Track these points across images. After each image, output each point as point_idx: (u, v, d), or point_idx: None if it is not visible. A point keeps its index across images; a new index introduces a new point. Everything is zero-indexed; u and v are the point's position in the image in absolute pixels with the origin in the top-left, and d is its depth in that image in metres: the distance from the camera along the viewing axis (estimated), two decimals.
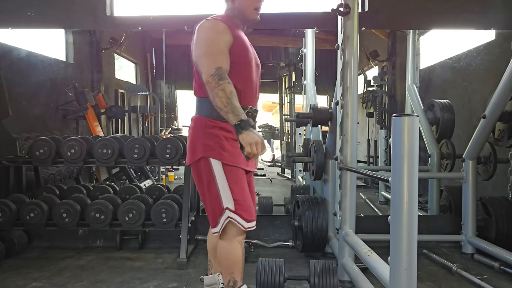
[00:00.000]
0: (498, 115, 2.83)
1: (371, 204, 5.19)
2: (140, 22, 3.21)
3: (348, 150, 2.52)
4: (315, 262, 2.32)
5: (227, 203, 1.83)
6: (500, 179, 3.45)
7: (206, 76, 1.72)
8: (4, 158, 3.25)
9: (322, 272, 2.25)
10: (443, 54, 5.61)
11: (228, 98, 1.68)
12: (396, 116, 1.49)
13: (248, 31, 2.03)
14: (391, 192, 1.53)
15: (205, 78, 1.72)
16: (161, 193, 3.53)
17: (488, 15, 3.05)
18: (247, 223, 1.86)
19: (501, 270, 2.69)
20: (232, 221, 1.83)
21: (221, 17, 1.89)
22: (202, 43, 1.80)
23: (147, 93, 8.47)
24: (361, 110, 7.40)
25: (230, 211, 1.83)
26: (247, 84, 1.89)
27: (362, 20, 2.78)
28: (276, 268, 2.31)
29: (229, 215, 1.83)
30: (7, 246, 3.02)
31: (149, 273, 2.75)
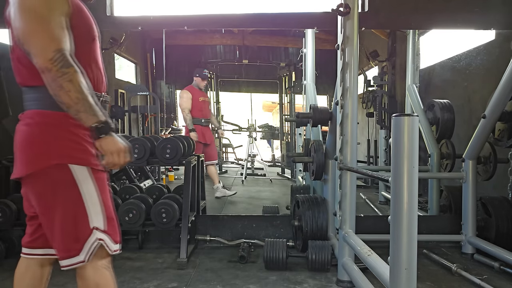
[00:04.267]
0: (498, 115, 2.83)
1: (371, 204, 5.19)
2: (140, 22, 3.21)
3: (348, 150, 2.52)
4: (313, 242, 2.79)
5: (97, 221, 1.42)
6: (500, 179, 3.45)
7: (42, 61, 1.27)
8: (4, 158, 3.25)
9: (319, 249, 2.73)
10: (443, 54, 5.61)
11: (80, 92, 1.29)
12: (396, 116, 1.49)
13: (248, 31, 2.01)
14: (391, 192, 1.54)
15: (40, 64, 1.27)
16: (161, 193, 3.53)
17: (488, 15, 3.05)
18: (114, 245, 1.47)
19: (501, 270, 2.69)
20: (102, 244, 1.42)
21: None
22: (29, 14, 1.30)
23: (147, 93, 8.48)
24: (361, 110, 7.39)
25: (100, 232, 1.42)
26: (97, 66, 1.51)
27: (362, 20, 2.79)
28: (280, 247, 2.79)
29: (99, 237, 1.41)
30: (7, 246, 3.02)
31: (149, 273, 2.75)
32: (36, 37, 1.29)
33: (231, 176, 8.13)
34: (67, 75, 1.28)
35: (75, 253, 1.40)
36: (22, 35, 1.31)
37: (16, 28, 1.33)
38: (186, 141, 3.43)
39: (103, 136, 1.33)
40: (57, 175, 1.39)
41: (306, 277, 2.68)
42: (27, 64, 1.38)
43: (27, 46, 1.31)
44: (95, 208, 1.43)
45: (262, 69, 10.22)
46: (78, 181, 1.40)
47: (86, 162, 1.42)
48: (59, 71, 1.27)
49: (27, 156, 1.43)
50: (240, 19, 3.19)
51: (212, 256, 3.11)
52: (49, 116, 1.40)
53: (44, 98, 1.39)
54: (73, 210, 1.40)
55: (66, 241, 1.41)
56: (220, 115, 9.54)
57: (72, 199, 1.40)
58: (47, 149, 1.39)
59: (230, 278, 2.65)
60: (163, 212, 3.04)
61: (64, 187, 1.40)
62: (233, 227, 3.40)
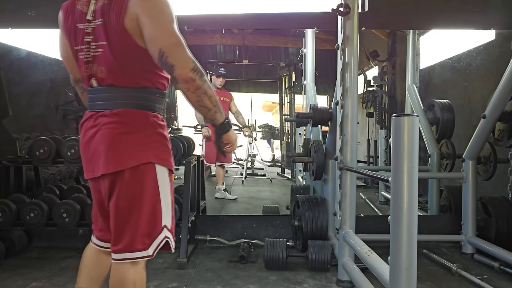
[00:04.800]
0: (498, 115, 2.83)
1: (371, 204, 5.19)
2: None
3: (348, 150, 2.52)
4: (313, 242, 2.80)
5: (167, 219, 1.51)
6: (500, 179, 3.45)
7: (186, 71, 1.37)
8: (4, 158, 3.25)
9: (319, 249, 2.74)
10: (443, 54, 5.61)
11: (215, 97, 1.46)
12: (396, 116, 1.49)
13: (248, 31, 2.02)
14: (391, 192, 1.54)
15: (185, 74, 1.37)
16: None
17: (488, 15, 3.05)
18: (174, 243, 1.58)
19: (501, 270, 2.69)
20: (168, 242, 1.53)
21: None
22: (170, 26, 1.39)
23: None
24: (361, 110, 7.39)
25: (168, 230, 1.52)
26: None
27: (362, 20, 2.78)
28: (280, 247, 2.78)
29: (167, 235, 1.52)
30: (7, 246, 3.02)
31: (149, 273, 2.73)
32: (181, 51, 1.38)
33: (231, 176, 8.13)
34: (206, 83, 1.42)
35: (144, 248, 1.47)
36: (167, 48, 1.36)
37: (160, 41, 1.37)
38: (186, 141, 3.43)
39: (231, 129, 1.55)
40: (146, 172, 1.45)
41: (306, 277, 2.68)
42: (128, 68, 1.44)
43: (171, 58, 1.36)
44: (167, 207, 1.51)
45: (262, 69, 10.21)
46: (159, 181, 1.48)
47: (168, 164, 1.51)
48: (201, 79, 1.40)
49: (119, 153, 1.44)
50: (240, 19, 3.19)
51: (212, 256, 3.11)
52: (147, 117, 1.47)
53: (142, 99, 1.48)
54: (152, 207, 1.47)
55: (139, 235, 1.46)
56: None
57: (153, 197, 1.47)
58: (143, 148, 1.45)
59: (230, 278, 2.65)
60: None
61: (148, 185, 1.46)
62: (233, 227, 3.40)
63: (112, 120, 1.44)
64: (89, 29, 1.44)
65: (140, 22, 1.37)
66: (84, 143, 1.53)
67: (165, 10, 1.38)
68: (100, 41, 1.43)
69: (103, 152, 1.44)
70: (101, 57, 1.44)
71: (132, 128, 1.45)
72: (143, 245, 1.47)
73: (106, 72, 1.45)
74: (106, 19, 1.40)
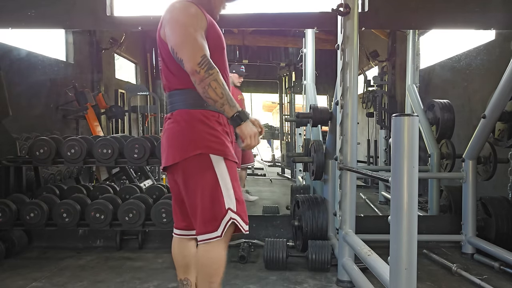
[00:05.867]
0: (498, 115, 2.83)
1: (371, 204, 5.19)
2: (140, 22, 3.21)
3: (348, 150, 2.52)
4: (313, 242, 2.80)
5: (230, 203, 1.67)
6: (500, 179, 3.45)
7: (192, 65, 1.54)
8: (4, 158, 3.25)
9: (319, 249, 2.74)
10: (443, 54, 5.61)
11: (223, 88, 1.56)
12: (396, 116, 1.49)
13: (248, 31, 2.03)
14: (391, 192, 1.53)
15: (190, 67, 1.54)
16: (161, 193, 3.53)
17: (488, 15, 3.05)
18: (245, 226, 1.72)
19: (501, 270, 2.69)
20: (235, 223, 1.68)
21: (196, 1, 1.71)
22: (180, 28, 1.61)
23: (147, 93, 8.47)
24: (361, 110, 7.39)
25: (232, 212, 1.67)
26: (225, 73, 1.75)
27: (362, 20, 2.78)
28: (280, 247, 2.78)
29: (232, 216, 1.67)
30: (7, 246, 3.02)
31: (149, 273, 2.75)
32: (187, 47, 1.57)
33: None
34: (212, 75, 1.54)
35: (213, 229, 1.66)
36: (175, 46, 1.60)
37: (171, 41, 1.62)
38: None
39: (243, 123, 1.59)
40: (200, 163, 1.66)
41: (306, 277, 2.68)
42: (176, 72, 1.69)
43: (180, 54, 1.59)
44: (229, 192, 1.68)
45: (262, 69, 10.22)
46: (216, 168, 1.67)
47: (222, 153, 1.68)
48: (206, 72, 1.54)
49: (177, 147, 1.69)
50: (240, 19, 3.19)
51: None
52: (195, 114, 1.68)
53: (190, 99, 1.69)
54: (212, 192, 1.66)
55: (206, 219, 1.67)
56: None
57: (211, 183, 1.66)
58: (194, 141, 1.66)
59: (230, 278, 2.65)
60: (163, 212, 3.05)
61: (205, 172, 1.66)
62: None
63: (171, 121, 1.73)
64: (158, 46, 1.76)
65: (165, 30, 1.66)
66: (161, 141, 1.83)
67: (179, 18, 1.63)
68: (160, 56, 1.75)
69: (165, 148, 1.73)
70: (162, 68, 1.76)
71: (182, 125, 1.68)
72: (212, 227, 1.66)
73: (165, 79, 1.75)
74: (157, 37, 1.72)
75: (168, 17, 1.66)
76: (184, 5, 1.66)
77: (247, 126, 1.60)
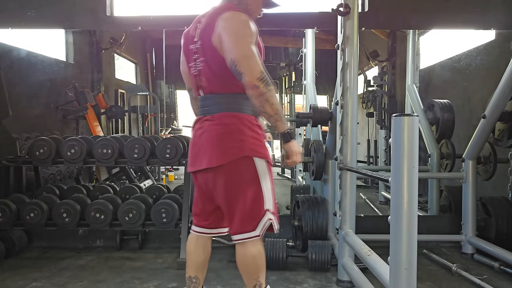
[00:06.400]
0: (498, 115, 2.83)
1: (371, 204, 5.19)
2: (140, 22, 3.21)
3: (348, 150, 2.52)
4: (313, 242, 2.81)
5: (269, 204, 1.76)
6: (500, 179, 3.45)
7: (252, 79, 1.61)
8: (4, 158, 3.25)
9: (319, 249, 2.75)
10: (443, 54, 5.61)
11: (278, 105, 1.67)
12: (396, 116, 1.49)
13: None
14: (391, 192, 1.53)
15: (250, 81, 1.61)
16: (161, 193, 3.53)
17: (488, 15, 3.05)
18: (277, 225, 1.81)
19: (501, 270, 2.69)
20: (272, 224, 1.77)
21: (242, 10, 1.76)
22: (241, 41, 1.66)
23: (147, 93, 8.49)
24: (361, 110, 7.40)
25: (270, 213, 1.76)
26: None
27: (362, 20, 2.78)
28: (280, 247, 2.78)
29: (270, 217, 1.76)
30: (7, 246, 3.02)
31: (149, 273, 2.75)
32: (248, 62, 1.63)
33: None
34: (270, 91, 1.64)
35: (252, 229, 1.74)
36: (237, 59, 1.63)
37: (232, 53, 1.64)
38: (186, 141, 3.43)
39: (292, 140, 1.73)
40: (245, 165, 1.73)
41: (306, 277, 2.68)
42: (222, 77, 1.73)
43: (240, 68, 1.63)
44: (268, 193, 1.76)
45: None
46: (259, 171, 1.74)
47: (265, 156, 1.77)
48: (265, 87, 1.62)
49: (224, 149, 1.73)
50: None
51: (212, 256, 3.06)
52: (242, 118, 1.75)
53: (235, 103, 1.76)
54: (253, 193, 1.73)
55: (245, 219, 1.74)
56: None
57: (254, 184, 1.74)
58: (241, 144, 1.72)
59: (230, 278, 2.65)
60: (163, 212, 3.05)
61: (248, 174, 1.73)
62: None
63: (214, 123, 1.76)
64: (195, 49, 1.79)
65: (221, 38, 1.67)
66: (193, 141, 1.86)
67: (240, 28, 1.68)
68: (201, 58, 1.77)
69: (208, 149, 1.76)
70: (203, 71, 1.77)
71: (229, 128, 1.74)
72: (251, 226, 1.74)
73: (206, 82, 1.78)
74: (202, 40, 1.75)
75: (228, 27, 1.68)
76: (244, 18, 1.71)
77: (295, 144, 1.75)
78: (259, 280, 1.81)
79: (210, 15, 1.77)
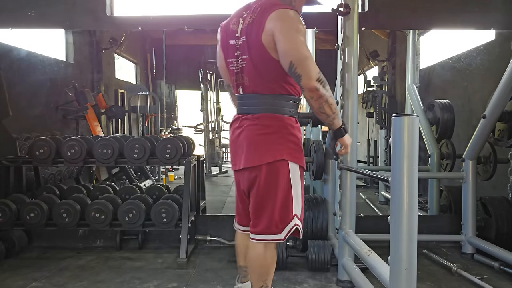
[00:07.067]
0: (498, 115, 2.83)
1: (371, 204, 5.19)
2: (140, 22, 3.21)
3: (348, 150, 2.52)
4: (313, 242, 2.80)
5: (297, 209, 1.77)
6: (500, 179, 3.45)
7: (311, 81, 1.60)
8: (4, 158, 3.25)
9: (319, 249, 2.74)
10: (443, 54, 5.61)
11: (335, 106, 1.69)
12: (396, 116, 1.49)
13: None
14: (391, 192, 1.53)
15: (309, 83, 1.60)
16: (161, 193, 3.53)
17: (488, 15, 3.05)
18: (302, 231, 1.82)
19: (501, 270, 2.69)
20: (298, 229, 1.78)
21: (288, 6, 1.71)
22: (300, 43, 1.63)
23: (147, 93, 8.48)
24: (361, 110, 7.40)
25: (297, 219, 1.77)
26: None
27: (362, 20, 2.78)
28: (280, 247, 2.73)
29: (296, 223, 1.77)
30: (7, 246, 3.02)
31: (149, 273, 2.75)
32: (308, 64, 1.61)
33: (231, 176, 8.12)
34: (328, 92, 1.64)
35: (277, 232, 1.74)
36: (296, 62, 1.60)
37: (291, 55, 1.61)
38: (186, 141, 3.43)
39: (346, 134, 1.78)
40: (280, 168, 1.72)
41: (306, 277, 2.68)
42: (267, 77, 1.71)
43: (299, 70, 1.60)
44: (298, 198, 1.77)
45: None
46: (292, 175, 1.74)
47: (299, 161, 1.76)
48: (324, 89, 1.63)
49: (264, 150, 1.72)
50: None
51: (212, 256, 3.11)
52: (285, 120, 1.74)
53: (278, 105, 1.74)
54: (284, 197, 1.74)
55: (274, 221, 1.74)
56: (220, 115, 9.54)
57: (286, 188, 1.73)
58: (278, 147, 1.72)
59: (230, 278, 2.65)
60: (163, 212, 3.04)
61: (283, 178, 1.73)
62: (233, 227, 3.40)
63: (253, 123, 1.74)
64: (238, 45, 1.74)
65: (275, 38, 1.63)
66: (232, 140, 1.86)
67: (295, 28, 1.63)
68: (244, 55, 1.72)
69: (245, 149, 1.75)
70: (246, 69, 1.73)
71: (269, 129, 1.72)
72: (276, 229, 1.74)
73: (249, 81, 1.75)
74: (248, 37, 1.70)
75: (284, 27, 1.63)
76: (297, 16, 1.67)
77: (348, 138, 1.83)
78: (266, 283, 1.82)
79: (258, 10, 1.70)
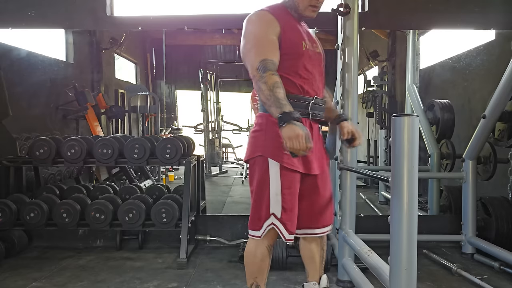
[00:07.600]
0: (498, 115, 2.83)
1: (371, 204, 5.19)
2: (140, 22, 3.21)
3: (348, 150, 2.52)
4: None
5: (275, 208, 1.74)
6: (500, 179, 3.45)
7: (252, 71, 1.65)
8: (4, 158, 3.25)
9: None
10: (443, 54, 5.61)
11: (270, 90, 1.58)
12: (396, 116, 1.49)
13: None
14: (391, 192, 1.53)
15: (250, 73, 1.66)
16: (161, 193, 3.53)
17: (488, 15, 3.05)
18: (288, 235, 1.76)
19: (501, 270, 2.69)
20: (275, 229, 1.74)
21: (270, 7, 1.80)
22: (247, 37, 1.73)
23: (147, 93, 8.48)
24: (361, 110, 7.39)
25: (275, 218, 1.74)
26: (300, 76, 1.77)
27: (362, 20, 2.78)
28: (280, 247, 2.77)
29: (273, 222, 1.74)
30: (7, 246, 3.02)
31: (149, 273, 2.75)
32: (250, 55, 1.69)
33: (231, 176, 8.13)
34: (264, 78, 1.61)
35: (257, 228, 1.77)
36: (242, 55, 1.74)
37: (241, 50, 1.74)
38: (186, 141, 3.43)
39: (285, 124, 1.54)
40: (257, 163, 1.77)
41: (306, 277, 2.68)
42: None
43: (245, 62, 1.72)
44: (277, 197, 1.74)
45: None
46: (272, 173, 1.74)
47: (279, 159, 1.73)
48: (260, 75, 1.62)
49: (250, 147, 1.83)
50: (240, 19, 3.16)
51: (212, 256, 3.11)
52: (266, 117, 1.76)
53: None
54: (262, 193, 1.75)
55: (254, 217, 1.79)
56: (220, 115, 9.55)
57: (263, 185, 1.75)
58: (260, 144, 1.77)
59: (230, 278, 2.65)
60: (163, 212, 3.04)
61: (259, 173, 1.76)
62: (233, 227, 3.40)
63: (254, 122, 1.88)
64: None
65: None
66: None
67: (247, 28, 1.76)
68: None
69: None
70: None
71: (257, 128, 1.81)
72: (254, 226, 1.78)
73: None
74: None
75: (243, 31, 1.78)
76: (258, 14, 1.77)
77: (289, 128, 1.51)
78: (257, 281, 1.84)
79: None
